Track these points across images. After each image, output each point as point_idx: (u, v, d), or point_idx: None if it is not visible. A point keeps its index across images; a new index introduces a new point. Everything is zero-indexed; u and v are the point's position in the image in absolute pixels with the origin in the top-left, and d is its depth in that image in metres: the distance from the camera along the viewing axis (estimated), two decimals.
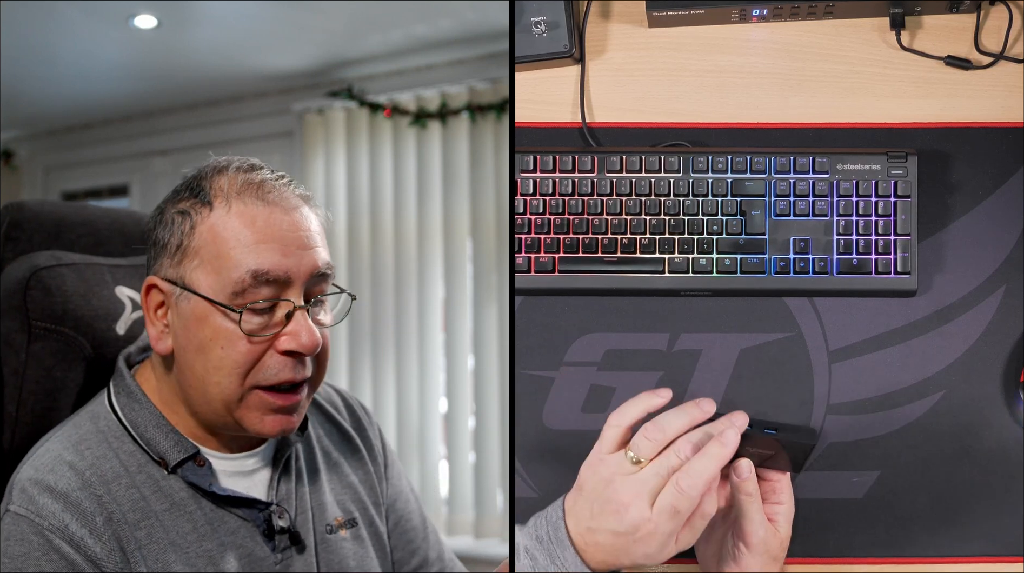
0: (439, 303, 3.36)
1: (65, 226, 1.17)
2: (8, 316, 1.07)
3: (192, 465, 0.99)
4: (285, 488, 1.06)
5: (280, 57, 3.44)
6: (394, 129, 3.45)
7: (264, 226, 0.95)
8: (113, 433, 0.99)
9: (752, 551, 0.99)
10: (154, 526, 0.95)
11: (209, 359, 0.95)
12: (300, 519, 1.06)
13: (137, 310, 1.15)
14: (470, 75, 3.31)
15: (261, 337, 0.95)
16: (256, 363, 0.96)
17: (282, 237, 0.96)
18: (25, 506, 0.92)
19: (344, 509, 1.12)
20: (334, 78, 3.56)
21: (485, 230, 3.28)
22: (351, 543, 1.10)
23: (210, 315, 0.95)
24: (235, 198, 0.96)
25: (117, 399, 1.02)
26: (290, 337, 0.95)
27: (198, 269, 0.96)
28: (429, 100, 3.37)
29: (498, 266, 3.24)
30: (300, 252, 0.96)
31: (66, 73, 3.57)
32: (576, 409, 1.17)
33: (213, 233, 0.95)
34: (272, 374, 0.96)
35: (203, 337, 0.95)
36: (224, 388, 0.96)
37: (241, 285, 0.94)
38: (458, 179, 3.33)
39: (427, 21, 3.11)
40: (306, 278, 0.97)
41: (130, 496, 0.95)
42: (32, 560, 0.89)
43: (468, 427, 3.28)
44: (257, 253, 0.94)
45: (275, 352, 0.96)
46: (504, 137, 3.27)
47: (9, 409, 1.07)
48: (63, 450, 0.96)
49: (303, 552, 1.04)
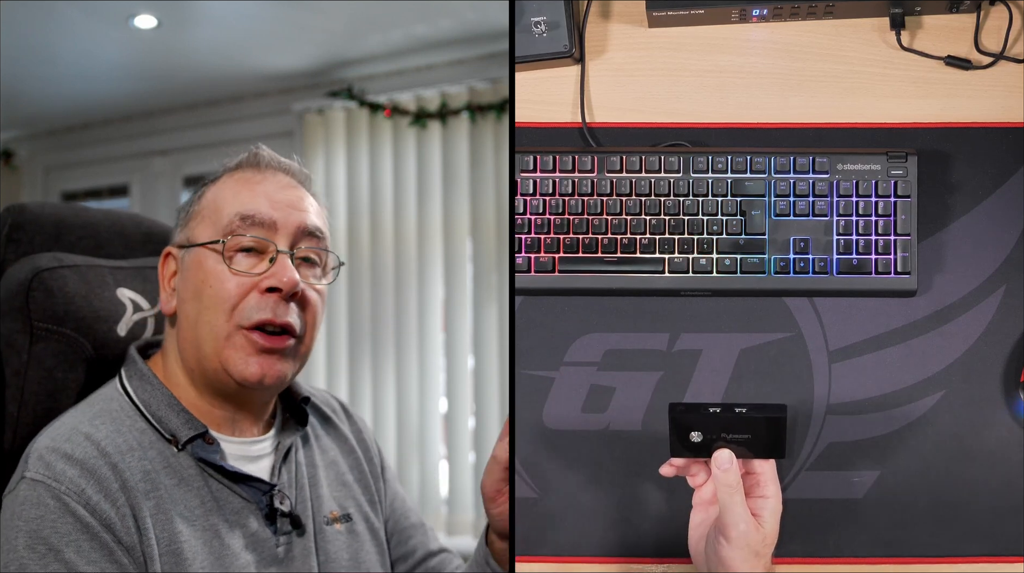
0: (439, 303, 3.36)
1: (66, 228, 1.17)
2: (10, 317, 1.07)
3: (201, 442, 1.02)
4: (287, 476, 1.09)
5: (280, 57, 3.44)
6: (394, 129, 3.45)
7: (256, 185, 1.06)
8: (125, 412, 1.02)
9: (732, 545, 0.97)
10: (163, 498, 0.98)
11: (201, 300, 1.02)
12: (300, 507, 1.09)
13: (138, 312, 1.15)
14: (470, 75, 3.31)
15: (244, 273, 1.02)
16: (241, 301, 1.02)
17: (271, 195, 1.06)
18: (42, 472, 0.94)
19: (340, 505, 1.15)
20: (334, 78, 3.56)
21: (485, 230, 3.27)
22: (345, 537, 1.13)
23: (204, 259, 1.03)
24: (235, 169, 1.09)
25: (129, 382, 1.05)
26: (271, 276, 1.02)
27: (198, 226, 1.06)
28: (429, 100, 3.37)
29: (498, 266, 3.24)
30: (288, 209, 1.06)
31: (66, 73, 3.57)
32: (576, 409, 1.17)
33: (213, 195, 1.07)
34: (253, 312, 1.01)
35: (198, 280, 1.03)
36: (213, 326, 1.01)
37: (230, 227, 1.03)
38: (458, 179, 3.33)
39: (427, 21, 3.11)
40: (294, 230, 1.05)
41: (142, 467, 0.98)
42: (48, 522, 0.91)
43: (468, 427, 3.28)
44: (246, 200, 1.05)
45: (258, 292, 1.02)
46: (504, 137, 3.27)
47: (11, 410, 1.07)
48: (78, 423, 0.99)
49: (303, 537, 1.07)
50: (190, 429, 1.02)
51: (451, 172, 3.34)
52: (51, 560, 0.90)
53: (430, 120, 3.37)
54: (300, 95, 3.65)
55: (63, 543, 0.91)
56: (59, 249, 1.15)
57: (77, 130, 4.33)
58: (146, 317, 1.16)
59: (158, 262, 1.21)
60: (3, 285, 1.09)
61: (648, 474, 1.15)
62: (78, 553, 0.91)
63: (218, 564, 0.99)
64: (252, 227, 1.03)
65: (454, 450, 3.29)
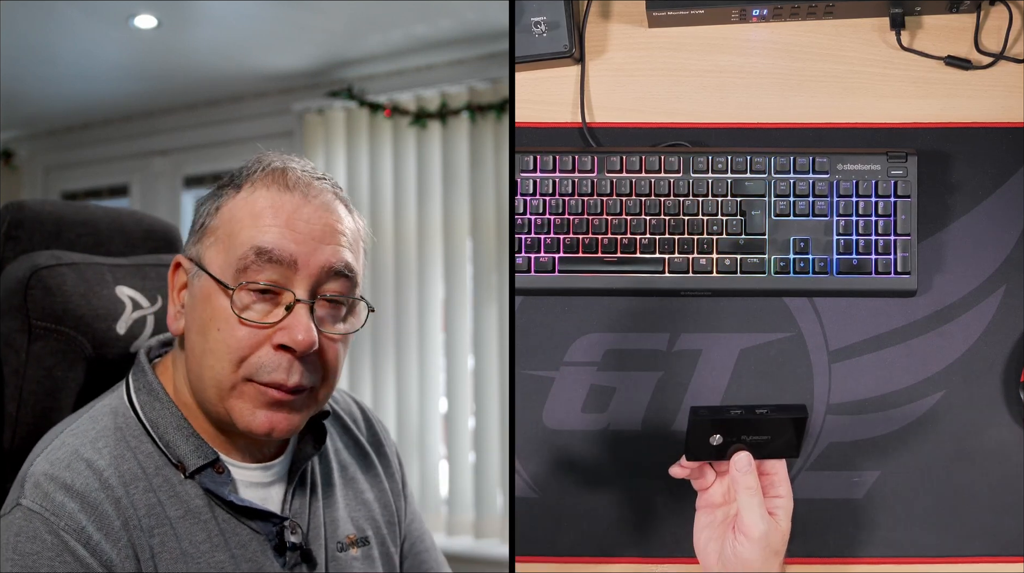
0: (439, 303, 3.36)
1: (65, 226, 1.17)
2: (8, 316, 1.07)
3: (211, 472, 0.96)
4: (299, 502, 1.03)
5: (280, 57, 3.44)
6: (394, 129, 3.45)
7: (279, 209, 0.93)
8: (132, 432, 0.96)
9: (754, 545, 0.99)
10: (167, 534, 0.92)
11: (207, 340, 0.92)
12: (312, 535, 1.03)
13: (137, 310, 1.15)
14: (470, 75, 3.31)
15: (255, 324, 0.91)
16: (251, 354, 0.92)
17: (295, 223, 0.92)
18: (40, 503, 0.88)
19: (357, 527, 1.08)
20: (334, 78, 3.56)
21: (485, 230, 3.27)
22: (361, 562, 1.06)
23: (213, 294, 0.92)
24: (260, 182, 0.95)
25: (137, 396, 0.98)
26: (285, 331, 0.91)
27: (212, 247, 0.94)
28: (429, 100, 3.37)
29: (498, 266, 3.24)
30: (314, 243, 0.93)
31: (66, 73, 3.57)
32: (576, 409, 1.17)
33: (231, 213, 0.94)
34: (265, 371, 0.91)
35: (205, 317, 0.92)
36: (217, 373, 0.92)
37: (244, 262, 0.91)
38: (458, 179, 3.33)
39: (427, 21, 3.11)
40: (317, 272, 0.93)
41: (147, 500, 0.92)
42: (45, 560, 0.86)
43: (468, 427, 3.28)
44: (264, 231, 0.91)
45: (270, 347, 0.91)
46: (504, 137, 3.27)
47: (10, 409, 1.07)
48: (80, 445, 0.93)
49: (313, 569, 1.01)
50: (199, 457, 0.95)
51: (451, 172, 3.34)
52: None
53: (430, 120, 3.36)
54: (300, 95, 3.65)
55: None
56: (59, 247, 1.14)
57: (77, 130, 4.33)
58: (145, 315, 1.15)
59: (158, 260, 1.21)
60: (1, 283, 1.09)
61: (648, 474, 1.15)
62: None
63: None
64: (268, 265, 0.91)
65: (454, 450, 3.29)
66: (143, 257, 1.21)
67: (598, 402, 1.17)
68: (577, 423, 1.16)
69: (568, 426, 1.17)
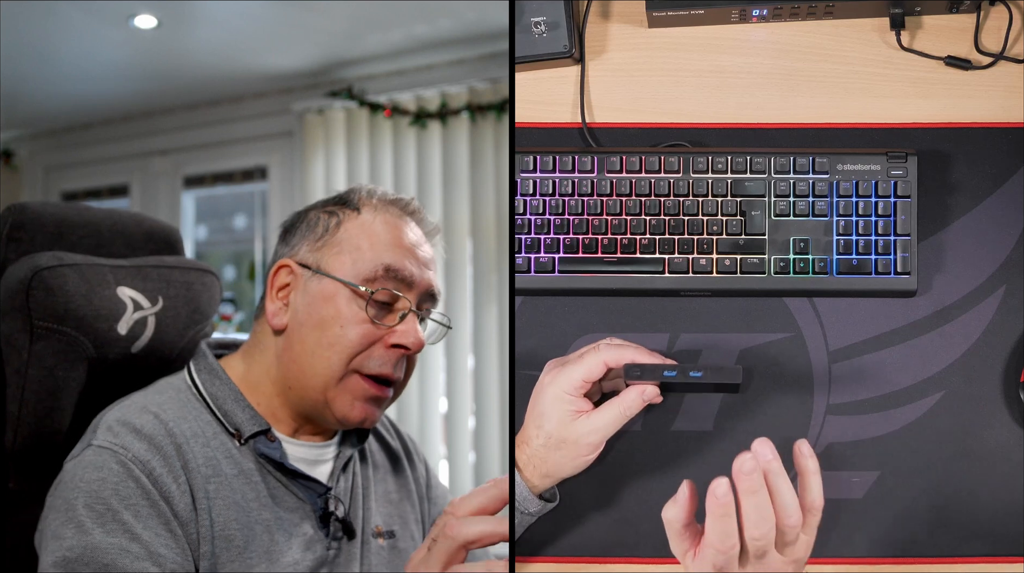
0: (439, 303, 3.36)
1: (67, 227, 1.17)
2: (10, 316, 1.07)
3: (264, 439, 1.06)
4: (344, 484, 1.13)
5: (280, 57, 3.44)
6: (394, 129, 3.45)
7: (402, 235, 1.10)
8: (192, 402, 1.06)
9: (812, 520, 0.92)
10: (223, 484, 1.01)
11: (324, 335, 1.05)
12: (352, 514, 1.12)
13: (138, 310, 1.15)
14: (470, 75, 3.31)
15: (379, 325, 1.06)
16: (364, 350, 1.05)
17: (413, 250, 1.10)
18: (109, 440, 0.97)
19: (385, 520, 1.18)
20: (334, 78, 3.57)
21: (485, 230, 3.28)
22: (387, 552, 1.15)
23: (337, 295, 1.06)
24: (381, 208, 1.11)
25: (198, 375, 1.09)
26: (401, 333, 1.07)
27: (337, 256, 1.08)
28: (429, 100, 3.38)
29: (498, 266, 3.24)
30: (423, 268, 1.10)
31: (66, 73, 3.58)
32: None
33: (360, 229, 1.09)
34: (376, 364, 1.06)
35: (325, 314, 1.05)
36: (331, 365, 1.05)
37: (373, 274, 1.06)
38: (458, 179, 3.33)
39: (427, 21, 3.11)
40: (423, 290, 1.10)
41: (205, 453, 1.02)
42: (110, 484, 0.94)
43: (468, 427, 3.28)
44: (393, 252, 1.08)
45: (383, 345, 1.06)
46: (504, 137, 3.27)
47: (11, 409, 1.07)
48: (148, 402, 1.03)
49: (352, 543, 1.10)
50: (254, 425, 1.06)
51: (451, 172, 3.34)
52: (109, 519, 0.92)
53: (430, 120, 3.37)
54: (300, 95, 3.66)
55: (123, 505, 0.93)
56: (60, 248, 1.15)
57: (77, 130, 4.34)
58: (146, 316, 1.16)
59: (159, 261, 1.21)
60: (3, 284, 1.09)
61: (648, 474, 1.15)
62: (136, 517, 0.93)
63: (266, 557, 1.01)
64: (392, 281, 1.07)
65: (454, 450, 3.29)
66: (144, 258, 1.21)
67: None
68: None
69: None
